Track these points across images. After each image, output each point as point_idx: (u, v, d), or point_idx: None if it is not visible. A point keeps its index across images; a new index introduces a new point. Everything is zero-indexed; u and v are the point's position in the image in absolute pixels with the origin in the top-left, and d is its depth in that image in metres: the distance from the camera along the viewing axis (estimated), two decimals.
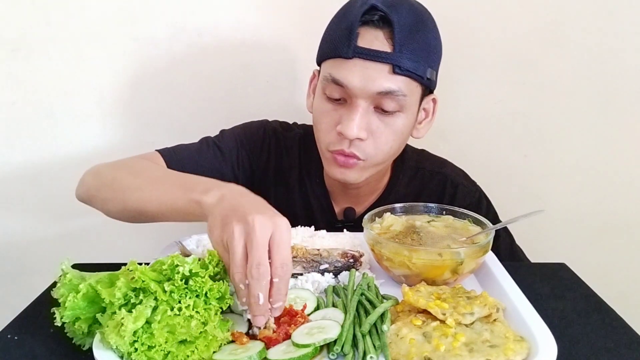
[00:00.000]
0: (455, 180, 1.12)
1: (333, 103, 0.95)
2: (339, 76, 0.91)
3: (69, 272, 0.67)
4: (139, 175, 0.91)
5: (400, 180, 1.12)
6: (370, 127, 0.94)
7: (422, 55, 0.91)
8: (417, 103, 0.97)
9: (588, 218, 1.51)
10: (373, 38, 0.89)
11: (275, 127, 1.17)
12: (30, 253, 1.57)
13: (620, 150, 1.45)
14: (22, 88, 1.42)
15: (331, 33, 0.96)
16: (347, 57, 0.90)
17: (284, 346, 0.63)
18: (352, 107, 0.92)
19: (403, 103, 0.92)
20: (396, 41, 0.88)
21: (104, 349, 0.61)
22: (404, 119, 0.95)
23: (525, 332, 0.65)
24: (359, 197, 1.11)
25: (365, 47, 0.89)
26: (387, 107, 0.92)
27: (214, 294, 0.65)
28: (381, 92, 0.90)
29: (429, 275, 0.78)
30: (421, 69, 0.91)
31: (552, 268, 0.95)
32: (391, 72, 0.89)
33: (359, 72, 0.90)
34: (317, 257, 0.84)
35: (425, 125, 1.05)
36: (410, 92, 0.92)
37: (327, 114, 0.96)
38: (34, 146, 1.48)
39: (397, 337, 0.64)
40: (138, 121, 1.47)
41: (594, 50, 1.38)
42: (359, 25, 0.90)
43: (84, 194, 0.99)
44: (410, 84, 0.92)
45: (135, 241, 1.52)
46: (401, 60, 0.89)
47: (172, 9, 1.38)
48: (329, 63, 0.95)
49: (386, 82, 0.89)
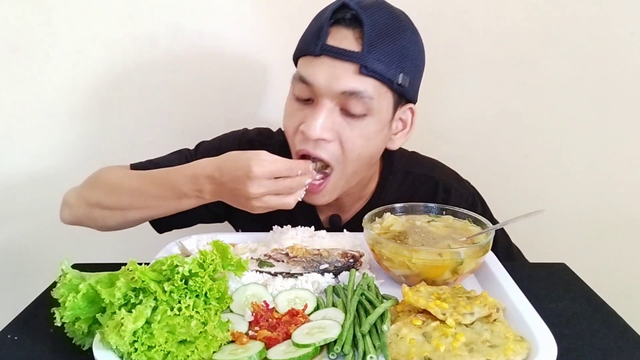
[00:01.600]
0: (448, 184, 1.09)
1: (301, 103, 0.93)
2: (305, 74, 0.90)
3: (69, 272, 0.67)
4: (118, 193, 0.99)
5: (389, 185, 1.08)
6: (336, 128, 0.90)
7: (393, 58, 0.88)
8: (389, 110, 0.93)
9: (588, 218, 1.51)
10: (343, 37, 0.88)
11: (251, 137, 1.14)
12: (30, 253, 1.57)
13: (620, 150, 1.45)
14: (22, 88, 1.42)
15: (306, 32, 0.95)
16: (315, 55, 0.88)
17: (284, 346, 0.63)
18: (317, 107, 0.90)
19: (370, 106, 0.89)
20: (365, 42, 0.86)
21: (104, 349, 0.61)
22: (372, 124, 0.91)
23: (525, 332, 0.65)
24: (344, 205, 1.08)
25: (333, 45, 0.87)
26: (354, 110, 0.89)
27: (213, 294, 0.65)
28: (346, 92, 0.87)
29: (429, 275, 0.78)
30: (391, 73, 0.88)
31: (552, 268, 0.95)
32: (358, 73, 0.87)
33: (326, 70, 0.88)
34: (317, 257, 0.84)
35: (402, 136, 1.01)
36: (378, 96, 0.89)
37: (293, 114, 0.94)
38: (34, 146, 1.48)
39: (397, 337, 0.64)
40: (138, 121, 1.47)
41: (594, 50, 1.38)
42: (330, 24, 0.88)
43: (71, 219, 1.06)
44: (379, 88, 0.89)
45: (135, 241, 1.52)
46: (368, 60, 0.86)
47: (172, 9, 1.38)
48: (300, 61, 0.94)
49: (352, 81, 0.87)
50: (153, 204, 0.95)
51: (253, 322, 0.68)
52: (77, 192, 1.06)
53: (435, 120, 1.45)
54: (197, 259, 0.66)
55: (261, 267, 0.82)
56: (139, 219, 1.02)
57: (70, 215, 1.06)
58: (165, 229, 1.12)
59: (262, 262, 0.83)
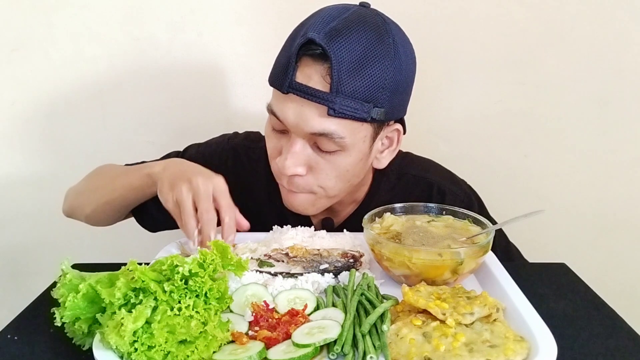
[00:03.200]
0: (442, 185, 1.07)
1: (277, 132, 0.92)
2: (276, 109, 0.88)
3: (69, 272, 0.67)
4: (101, 177, 1.09)
5: (382, 187, 1.07)
6: (310, 162, 0.89)
7: (366, 95, 0.83)
8: (367, 140, 0.90)
9: (588, 218, 1.51)
10: (312, 73, 0.83)
11: (237, 142, 1.14)
12: (30, 253, 1.57)
13: (620, 150, 1.45)
14: (22, 88, 1.42)
15: (277, 59, 0.90)
16: (284, 92, 0.85)
17: (284, 346, 0.63)
18: (290, 142, 0.89)
19: (342, 144, 0.86)
20: (334, 80, 0.81)
21: (104, 349, 0.61)
22: (346, 158, 0.89)
23: (525, 332, 0.65)
24: (335, 209, 1.07)
25: (301, 82, 0.83)
26: (325, 148, 0.87)
27: (213, 294, 0.65)
28: (315, 133, 0.85)
29: (429, 275, 0.78)
30: (363, 111, 0.83)
31: (552, 268, 0.95)
32: (325, 115, 0.83)
33: (294, 108, 0.85)
34: (318, 257, 0.84)
35: (388, 154, 0.99)
36: (351, 133, 0.86)
37: (270, 139, 0.94)
38: (33, 146, 1.48)
39: (397, 337, 0.64)
40: (138, 121, 1.47)
41: (594, 50, 1.38)
42: (298, 59, 0.83)
43: (67, 210, 1.15)
44: (352, 125, 0.85)
45: (135, 241, 1.52)
46: (337, 101, 0.82)
47: (172, 9, 1.38)
48: (272, 93, 0.91)
49: (320, 123, 0.84)
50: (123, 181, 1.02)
51: (253, 322, 0.68)
52: (73, 190, 1.14)
53: (435, 120, 1.45)
54: (197, 259, 0.66)
55: (261, 267, 0.82)
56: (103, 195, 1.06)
57: (64, 207, 1.15)
58: (155, 228, 1.15)
59: (262, 262, 0.83)
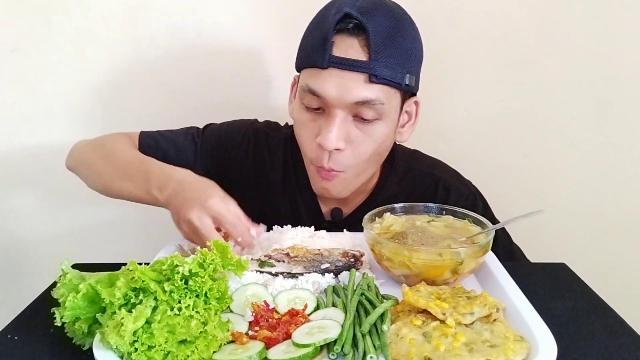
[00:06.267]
0: (448, 182, 1.10)
1: (311, 112, 0.94)
2: (315, 86, 0.90)
3: (69, 272, 0.67)
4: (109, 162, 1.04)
5: (390, 181, 1.10)
6: (350, 137, 0.92)
7: (400, 61, 0.89)
8: (398, 109, 0.95)
9: (588, 218, 1.51)
10: (348, 47, 0.88)
11: (258, 127, 1.16)
12: (30, 253, 1.57)
13: (620, 150, 1.45)
14: (22, 88, 1.42)
15: (307, 41, 0.94)
16: (323, 67, 0.88)
17: (284, 346, 0.63)
18: (330, 118, 0.91)
19: (382, 111, 0.91)
20: (372, 49, 0.86)
21: (104, 349, 0.61)
22: (383, 127, 0.94)
23: (525, 332, 0.65)
24: (346, 198, 1.09)
25: (340, 56, 0.87)
26: (366, 116, 0.90)
27: (213, 294, 0.65)
28: (358, 102, 0.88)
29: (429, 275, 0.78)
30: (399, 76, 0.89)
31: (552, 268, 0.95)
32: (367, 81, 0.87)
33: (335, 82, 0.88)
34: (318, 256, 0.84)
35: (409, 128, 1.03)
36: (388, 100, 0.91)
37: (306, 124, 0.96)
38: (33, 146, 1.48)
39: (397, 337, 0.64)
40: (138, 121, 1.47)
41: (594, 50, 1.38)
42: (333, 34, 0.88)
43: (70, 166, 1.13)
44: (389, 92, 0.90)
45: (135, 241, 1.52)
46: (377, 68, 0.87)
47: (172, 9, 1.38)
48: (305, 72, 0.94)
49: (363, 91, 0.88)
50: (125, 184, 1.00)
51: (253, 322, 0.68)
52: (82, 146, 1.12)
53: (435, 120, 1.45)
54: (197, 258, 0.66)
55: (261, 267, 0.82)
56: (113, 193, 1.06)
57: (69, 162, 1.13)
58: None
59: (262, 262, 0.83)
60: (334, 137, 0.90)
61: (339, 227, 1.01)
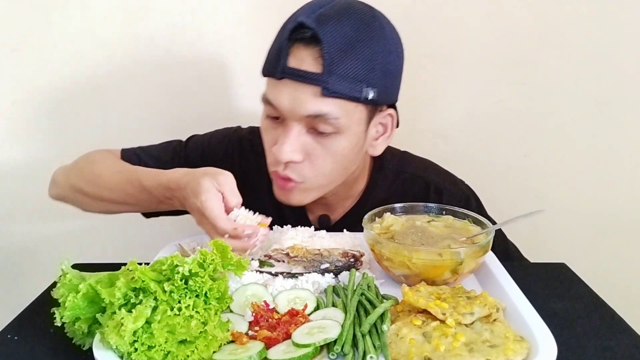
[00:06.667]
0: (439, 185, 1.07)
1: (272, 121, 0.92)
2: (270, 97, 0.89)
3: (69, 272, 0.67)
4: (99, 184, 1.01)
5: (379, 185, 1.07)
6: (306, 149, 0.89)
7: (358, 74, 0.84)
8: (362, 123, 0.91)
9: (588, 218, 1.51)
10: (303, 57, 0.84)
11: (243, 135, 1.13)
12: (30, 253, 1.57)
13: (620, 150, 1.45)
14: (22, 88, 1.42)
15: (269, 51, 0.92)
16: (277, 78, 0.86)
17: (284, 346, 0.63)
18: (286, 129, 0.89)
19: (339, 125, 0.87)
20: (326, 61, 0.82)
21: (104, 349, 0.61)
22: (342, 141, 0.89)
23: (525, 332, 0.65)
24: (332, 205, 1.07)
25: (294, 67, 0.85)
26: (323, 130, 0.87)
27: (213, 294, 0.65)
28: (311, 115, 0.85)
29: (429, 275, 0.78)
30: (356, 90, 0.85)
31: (552, 268, 0.95)
32: (320, 95, 0.84)
33: (288, 93, 0.86)
34: (318, 256, 0.84)
35: (383, 140, 0.99)
36: (346, 114, 0.87)
37: (267, 132, 0.94)
38: (33, 146, 1.48)
39: (397, 337, 0.64)
40: (138, 121, 1.47)
41: (594, 50, 1.38)
42: (290, 44, 0.85)
43: (57, 195, 1.10)
44: (347, 106, 0.86)
45: (135, 241, 1.52)
46: (331, 81, 0.83)
47: (172, 9, 1.38)
48: (266, 82, 0.92)
49: (315, 105, 0.85)
50: (131, 201, 0.98)
51: (253, 322, 0.68)
52: (64, 173, 1.09)
53: (435, 120, 1.45)
54: (197, 258, 0.66)
55: (261, 267, 0.82)
56: (120, 211, 1.06)
57: (56, 193, 1.10)
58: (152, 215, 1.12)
59: (262, 262, 0.83)
60: (287, 149, 0.88)
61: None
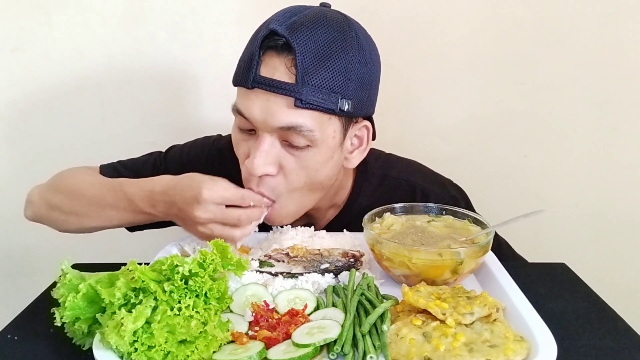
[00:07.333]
0: (426, 188, 1.04)
1: (244, 133, 0.89)
2: (241, 107, 0.85)
3: (69, 272, 0.67)
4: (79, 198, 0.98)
5: (364, 191, 1.04)
6: (280, 161, 0.86)
7: (332, 85, 0.81)
8: (338, 135, 0.87)
9: (588, 218, 1.51)
10: (276, 66, 0.81)
11: (222, 145, 1.09)
12: (30, 253, 1.57)
13: (620, 150, 1.45)
14: (22, 88, 1.42)
15: (240, 59, 0.88)
16: (248, 87, 0.83)
17: (284, 346, 0.63)
18: (258, 141, 0.85)
19: (312, 138, 0.83)
20: (299, 71, 0.79)
21: (104, 349, 0.61)
22: (317, 154, 0.86)
23: (525, 332, 0.65)
24: (314, 216, 1.04)
25: (266, 76, 0.81)
26: (295, 142, 0.84)
27: (213, 294, 0.65)
28: (283, 127, 0.82)
29: (429, 275, 0.78)
30: (331, 102, 0.82)
31: (552, 268, 0.95)
32: (293, 106, 0.81)
33: (260, 104, 0.82)
34: (318, 256, 0.84)
35: (358, 153, 0.95)
36: (320, 127, 0.84)
37: (239, 145, 0.91)
38: (33, 146, 1.48)
39: (397, 337, 0.64)
40: (138, 121, 1.47)
41: (595, 50, 1.38)
42: (263, 52, 0.82)
43: (34, 216, 1.07)
44: (321, 117, 0.83)
45: (135, 241, 1.52)
46: (304, 92, 0.80)
47: (172, 9, 1.38)
48: (237, 92, 0.88)
49: (288, 116, 0.81)
50: (109, 214, 0.95)
51: (253, 322, 0.68)
52: (40, 192, 1.06)
53: (435, 120, 1.45)
54: (197, 259, 0.66)
55: (261, 267, 0.82)
56: (95, 227, 1.01)
57: (32, 213, 1.07)
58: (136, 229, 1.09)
59: (262, 262, 0.83)
60: (260, 162, 0.84)
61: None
